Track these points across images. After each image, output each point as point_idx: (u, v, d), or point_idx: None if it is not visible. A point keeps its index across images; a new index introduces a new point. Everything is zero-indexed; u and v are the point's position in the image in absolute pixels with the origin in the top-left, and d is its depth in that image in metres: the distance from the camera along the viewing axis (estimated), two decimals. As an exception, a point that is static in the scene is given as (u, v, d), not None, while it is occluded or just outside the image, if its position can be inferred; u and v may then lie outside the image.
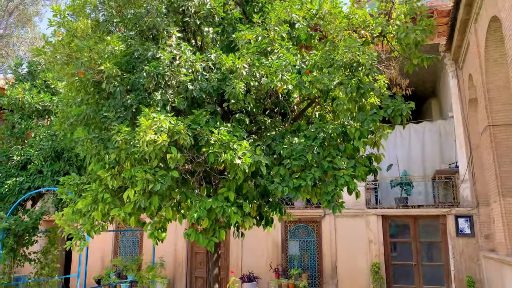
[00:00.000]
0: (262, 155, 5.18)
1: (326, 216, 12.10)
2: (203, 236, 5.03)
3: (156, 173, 4.63)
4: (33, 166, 8.57)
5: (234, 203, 5.07)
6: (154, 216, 5.23)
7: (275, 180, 5.31)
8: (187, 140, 4.63)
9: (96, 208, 4.88)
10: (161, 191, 4.77)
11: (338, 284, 11.56)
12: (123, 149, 4.76)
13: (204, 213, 4.83)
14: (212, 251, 4.93)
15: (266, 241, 12.50)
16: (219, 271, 6.27)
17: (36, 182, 8.35)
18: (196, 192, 5.49)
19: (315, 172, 5.28)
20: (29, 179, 8.45)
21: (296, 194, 5.29)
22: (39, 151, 8.47)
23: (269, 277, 12.11)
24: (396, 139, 13.48)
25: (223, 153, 4.73)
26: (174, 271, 13.34)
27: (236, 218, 4.86)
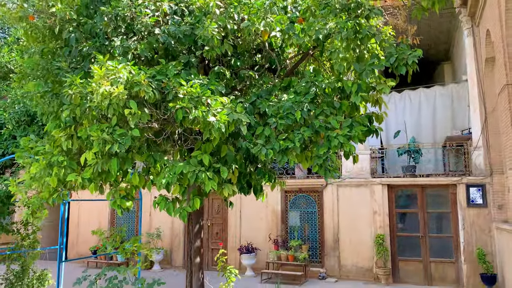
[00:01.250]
0: (243, 113, 4.46)
1: (328, 186, 11.44)
2: (174, 205, 4.40)
3: (115, 132, 3.96)
4: (6, 131, 7.98)
5: (210, 167, 4.40)
6: (119, 182, 4.60)
7: (258, 141, 4.61)
8: (150, 93, 3.92)
9: (50, 174, 4.26)
10: (122, 153, 4.11)
11: (340, 256, 11.04)
12: (78, 105, 4.08)
13: (174, 179, 4.18)
14: (185, 222, 4.32)
15: (266, 211, 11.96)
16: (201, 243, 5.69)
17: (10, 148, 7.78)
18: (169, 155, 4.84)
19: (304, 132, 4.56)
20: (3, 145, 7.87)
21: (283, 157, 4.59)
22: (12, 115, 7.86)
23: (268, 248, 11.62)
24: (405, 104, 12.62)
25: (193, 109, 4.02)
26: (171, 242, 12.95)
27: (211, 185, 4.20)
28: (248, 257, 11.46)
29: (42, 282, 8.07)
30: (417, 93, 12.59)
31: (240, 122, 4.41)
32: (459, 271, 10.01)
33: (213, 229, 12.65)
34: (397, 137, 11.73)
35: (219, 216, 12.62)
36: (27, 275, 7.91)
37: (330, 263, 11.13)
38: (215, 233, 12.62)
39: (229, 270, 6.84)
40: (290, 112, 4.66)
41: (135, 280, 4.42)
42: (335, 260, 11.08)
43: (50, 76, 4.47)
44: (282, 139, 4.61)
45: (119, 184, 4.60)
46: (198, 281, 5.49)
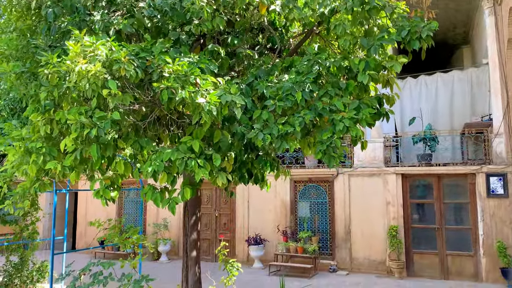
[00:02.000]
0: (237, 95, 4.05)
1: (339, 176, 10.98)
2: (163, 195, 4.03)
3: (94, 115, 3.60)
4: (1, 119, 7.76)
5: (202, 154, 4.01)
6: (104, 171, 4.26)
7: (255, 126, 4.19)
8: (131, 71, 3.53)
9: (28, 161, 3.94)
10: (103, 139, 3.75)
11: (352, 248, 10.61)
12: (56, 85, 3.73)
13: (161, 167, 3.80)
14: (173, 214, 3.95)
15: (274, 202, 11.57)
16: (197, 236, 5.33)
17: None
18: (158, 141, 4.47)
19: (305, 115, 4.13)
20: (-3, 133, 7.69)
21: (282, 143, 4.17)
22: (7, 102, 7.61)
23: (277, 240, 11.26)
24: (421, 90, 12.01)
25: (179, 89, 3.62)
26: (178, 233, 12.69)
27: (202, 173, 3.82)
28: (256, 248, 11.12)
29: (42, 274, 7.87)
30: (433, 78, 11.96)
31: (234, 104, 4.00)
32: (478, 265, 9.49)
33: (221, 219, 12.34)
34: (412, 124, 11.16)
35: (227, 206, 12.29)
36: (27, 267, 7.71)
37: (341, 255, 10.72)
38: (223, 224, 12.30)
39: (231, 263, 6.50)
40: (290, 93, 4.23)
41: (122, 276, 4.09)
42: (347, 252, 10.66)
43: (28, 55, 4.13)
44: (281, 123, 4.19)
45: (105, 172, 4.26)
46: (195, 276, 5.15)
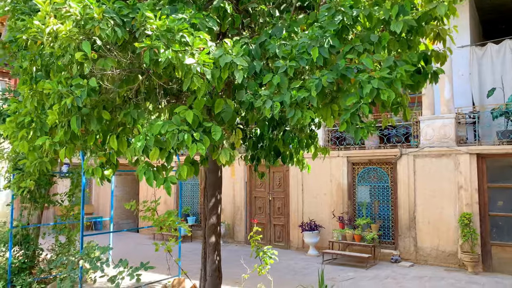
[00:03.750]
0: (239, 55, 3.39)
1: (403, 157, 9.81)
2: (159, 174, 3.54)
3: (73, 83, 3.18)
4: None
5: (200, 127, 3.43)
6: (99, 147, 3.87)
7: (262, 92, 3.52)
8: (107, 30, 3.04)
9: (17, 137, 3.67)
10: (85, 110, 3.33)
11: (417, 237, 9.47)
12: (40, 53, 3.39)
13: (151, 141, 3.30)
14: (169, 195, 3.45)
15: (330, 186, 10.73)
16: (217, 220, 4.81)
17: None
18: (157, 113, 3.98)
19: (322, 77, 3.36)
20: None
21: (296, 112, 3.45)
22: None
23: (332, 226, 10.46)
24: (505, 57, 10.25)
25: (162, 48, 3.06)
26: (233, 216, 12.41)
27: (197, 148, 3.26)
28: (311, 235, 10.43)
29: (88, 254, 7.95)
30: (519, 42, 10.15)
31: (235, 66, 3.36)
32: None
33: (275, 204, 11.79)
34: (491, 96, 9.57)
35: (280, 190, 11.71)
36: (73, 246, 7.84)
37: (404, 244, 9.63)
38: (277, 208, 11.75)
39: (264, 251, 5.93)
40: (305, 50, 3.48)
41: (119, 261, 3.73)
42: (411, 241, 9.55)
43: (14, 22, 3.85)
44: (295, 87, 3.46)
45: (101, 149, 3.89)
46: (213, 264, 4.66)
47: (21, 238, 7.09)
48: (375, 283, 7.86)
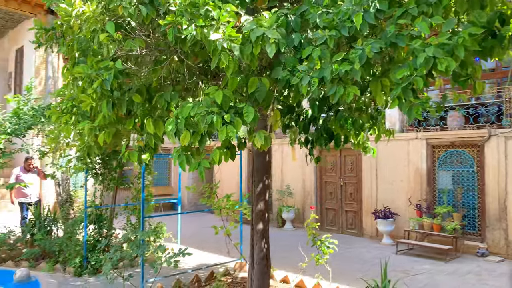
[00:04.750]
0: (273, 27, 3.07)
1: (492, 138, 8.67)
2: (192, 158, 3.39)
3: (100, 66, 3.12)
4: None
5: (232, 108, 3.20)
6: (138, 131, 3.82)
7: (300, 67, 3.17)
8: (130, 9, 2.91)
9: (67, 122, 3.73)
10: (116, 93, 3.27)
11: (508, 229, 8.36)
12: (72, 35, 3.39)
13: (182, 124, 3.15)
14: (202, 179, 3.29)
15: (407, 171, 9.91)
16: (265, 206, 4.57)
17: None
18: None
19: (366, 46, 2.91)
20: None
21: (338, 89, 3.05)
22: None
23: (409, 214, 9.68)
24: None
25: (185, 24, 2.85)
26: (303, 201, 12.12)
27: (227, 131, 3.03)
28: (385, 223, 9.77)
29: (157, 234, 8.27)
30: None
31: (267, 40, 3.04)
32: None
33: (347, 189, 11.25)
34: None
35: (352, 175, 11.12)
36: (144, 227, 8.18)
37: (493, 237, 8.58)
38: (349, 194, 11.21)
39: (322, 240, 5.58)
40: (348, 18, 3.04)
41: (159, 246, 3.68)
42: (501, 234, 8.47)
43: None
44: (337, 60, 3.05)
45: (140, 133, 3.84)
46: (260, 252, 4.46)
47: (95, 217, 7.56)
48: (453, 278, 7.10)
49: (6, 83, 14.96)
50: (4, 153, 7.99)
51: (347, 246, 9.73)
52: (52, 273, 7.12)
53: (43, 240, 7.79)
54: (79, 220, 7.51)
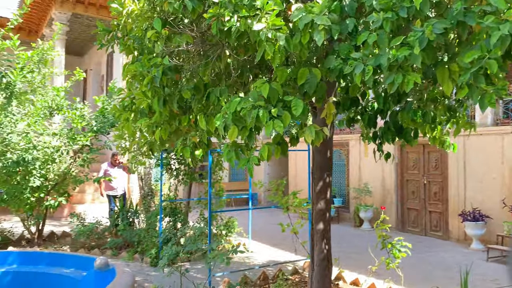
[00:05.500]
0: (322, 13, 2.86)
1: None
2: (241, 154, 3.29)
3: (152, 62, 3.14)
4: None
5: (280, 102, 3.04)
6: (193, 127, 3.81)
7: (353, 55, 2.90)
8: (175, 4, 2.88)
9: (127, 119, 3.85)
10: (167, 90, 3.28)
11: None
12: (128, 34, 3.47)
13: (229, 119, 3.08)
14: (251, 176, 3.17)
15: (501, 168, 8.86)
16: (326, 205, 4.31)
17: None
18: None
19: (427, 27, 2.56)
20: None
21: (397, 77, 2.74)
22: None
23: (503, 217, 8.64)
24: None
25: (228, 16, 2.76)
26: (382, 200, 11.48)
27: (273, 126, 2.88)
28: (475, 226, 8.84)
29: (229, 229, 8.39)
30: None
31: (316, 27, 2.83)
32: None
33: (431, 188, 10.40)
34: None
35: (437, 172, 10.24)
36: (216, 221, 8.37)
37: None
38: (433, 193, 10.35)
39: (392, 243, 5.17)
40: (407, -2, 2.71)
41: (213, 241, 3.65)
42: None
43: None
44: (396, 45, 2.73)
45: (195, 129, 3.83)
46: (321, 253, 4.22)
47: (170, 211, 7.89)
48: (556, 293, 6.15)
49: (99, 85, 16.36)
50: (92, 149, 8.67)
51: (429, 249, 9.00)
52: (131, 262, 7.58)
53: (125, 231, 8.33)
54: (155, 213, 7.89)
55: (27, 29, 15.63)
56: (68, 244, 8.63)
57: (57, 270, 6.65)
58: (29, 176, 7.92)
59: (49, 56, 8.57)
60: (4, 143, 7.60)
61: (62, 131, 8.41)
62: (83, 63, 18.74)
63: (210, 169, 6.32)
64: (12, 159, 7.51)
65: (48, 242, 8.80)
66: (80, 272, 6.58)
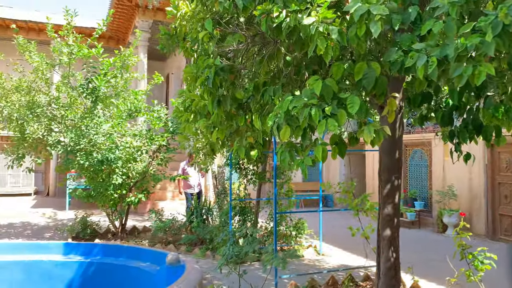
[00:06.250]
0: (380, 2, 2.63)
1: None
2: (297, 154, 3.15)
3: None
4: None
5: (334, 99, 2.85)
6: (249, 127, 3.73)
7: (415, 46, 2.63)
8: (225, 3, 2.83)
9: (185, 120, 3.90)
10: (221, 90, 3.25)
11: None
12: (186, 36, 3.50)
13: (281, 118, 2.97)
14: (305, 178, 3.02)
15: None
16: (394, 211, 3.97)
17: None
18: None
19: (501, 10, 2.22)
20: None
21: (464, 69, 2.43)
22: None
23: None
24: None
25: (277, 11, 2.64)
26: (469, 205, 10.50)
27: (326, 125, 2.71)
28: None
29: (299, 230, 8.26)
30: None
31: (372, 17, 2.61)
32: None
33: (500, 190, 9.29)
34: None
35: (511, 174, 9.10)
36: (285, 222, 8.28)
37: None
38: (503, 196, 9.25)
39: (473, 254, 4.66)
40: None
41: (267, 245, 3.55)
42: None
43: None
44: (465, 33, 2.41)
45: (250, 129, 3.75)
46: (387, 261, 3.91)
47: (239, 210, 7.97)
48: None
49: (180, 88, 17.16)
50: (168, 149, 9.09)
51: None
52: (203, 259, 7.78)
53: (199, 228, 8.60)
54: (225, 212, 8.02)
55: (116, 38, 16.93)
56: (147, 238, 9.13)
57: (135, 263, 7.08)
58: (112, 174, 8.53)
59: (130, 62, 9.14)
60: (91, 143, 8.26)
61: (141, 132, 8.93)
62: (166, 67, 19.82)
63: (275, 169, 6.25)
64: (97, 158, 8.13)
65: (130, 236, 9.41)
66: (155, 266, 6.92)
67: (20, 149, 8.94)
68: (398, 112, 3.83)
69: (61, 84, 8.87)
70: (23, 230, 10.49)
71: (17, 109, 8.63)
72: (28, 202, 15.79)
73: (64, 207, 13.74)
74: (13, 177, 17.43)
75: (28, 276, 7.06)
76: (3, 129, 9.27)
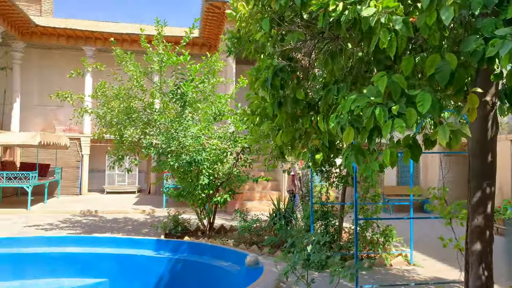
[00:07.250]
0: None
1: None
2: (365, 158, 2.87)
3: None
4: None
5: (402, 97, 2.55)
6: (315, 129, 3.51)
7: (497, 32, 2.24)
8: (282, 1, 2.69)
9: (250, 122, 3.81)
10: (281, 92, 3.10)
11: None
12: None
13: (344, 120, 2.75)
14: (372, 181, 2.74)
15: None
16: (485, 222, 3.42)
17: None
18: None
19: None
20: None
21: None
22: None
23: None
24: None
25: (333, 5, 2.44)
26: None
27: (393, 126, 2.43)
28: None
29: (386, 238, 7.75)
30: None
31: (443, 2, 2.28)
32: None
33: None
34: None
35: None
36: (372, 228, 7.82)
37: None
38: None
39: None
40: None
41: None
42: None
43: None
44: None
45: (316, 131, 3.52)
46: (477, 279, 3.39)
47: (321, 214, 7.73)
48: None
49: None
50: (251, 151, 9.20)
51: None
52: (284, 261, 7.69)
53: (281, 230, 8.54)
54: (307, 215, 7.85)
55: (208, 44, 17.71)
56: (233, 238, 9.33)
57: (217, 262, 7.27)
58: (200, 174, 8.89)
59: (216, 67, 9.45)
60: (180, 145, 8.70)
61: (225, 134, 9.17)
62: (255, 70, 20.21)
63: (355, 172, 5.91)
64: (186, 159, 8.53)
65: (217, 234, 9.71)
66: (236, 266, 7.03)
67: (120, 151, 9.78)
68: (490, 110, 3.34)
69: (154, 90, 9.50)
70: (124, 225, 11.47)
71: (116, 115, 9.45)
72: (132, 199, 17.28)
73: (162, 205, 14.74)
74: (119, 176, 19.25)
75: (123, 268, 7.66)
76: (106, 133, 10.22)
